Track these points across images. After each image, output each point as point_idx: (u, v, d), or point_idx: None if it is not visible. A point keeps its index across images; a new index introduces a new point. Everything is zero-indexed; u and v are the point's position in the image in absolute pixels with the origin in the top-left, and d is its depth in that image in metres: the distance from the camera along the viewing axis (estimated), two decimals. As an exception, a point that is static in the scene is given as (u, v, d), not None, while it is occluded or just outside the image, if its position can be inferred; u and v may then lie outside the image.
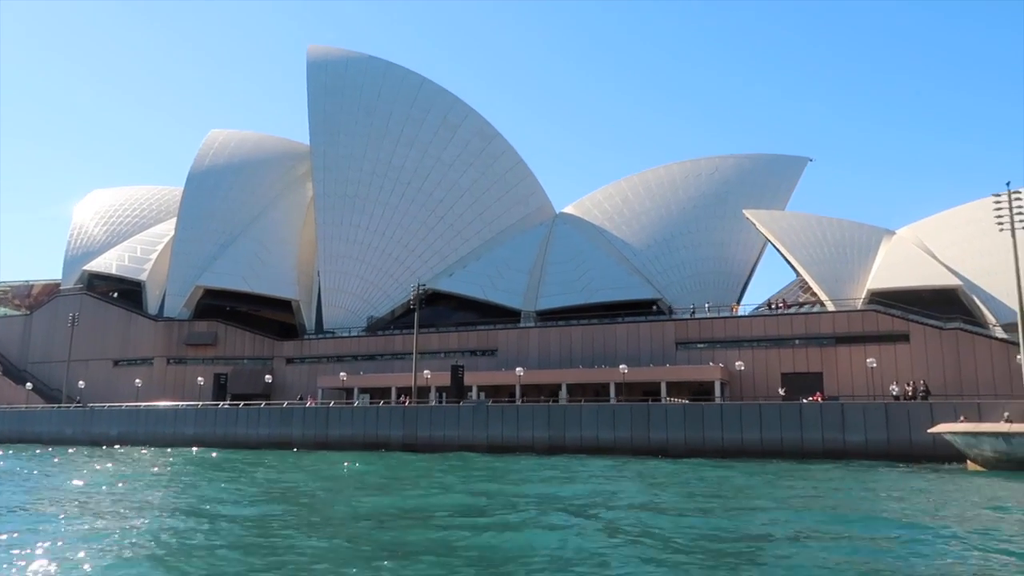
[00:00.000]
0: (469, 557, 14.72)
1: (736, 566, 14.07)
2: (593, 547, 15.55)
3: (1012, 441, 32.64)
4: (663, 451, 44.87)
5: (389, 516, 21.31)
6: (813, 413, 43.24)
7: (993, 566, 14.20)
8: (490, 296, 78.63)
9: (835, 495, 26.67)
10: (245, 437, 58.01)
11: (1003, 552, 15.39)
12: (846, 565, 14.10)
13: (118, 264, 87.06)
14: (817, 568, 13.77)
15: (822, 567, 13.89)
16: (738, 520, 20.31)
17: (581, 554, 14.83)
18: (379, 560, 14.34)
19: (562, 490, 27.63)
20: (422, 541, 16.73)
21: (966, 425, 35.70)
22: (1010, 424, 33.77)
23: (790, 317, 60.32)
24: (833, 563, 14.24)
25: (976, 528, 18.52)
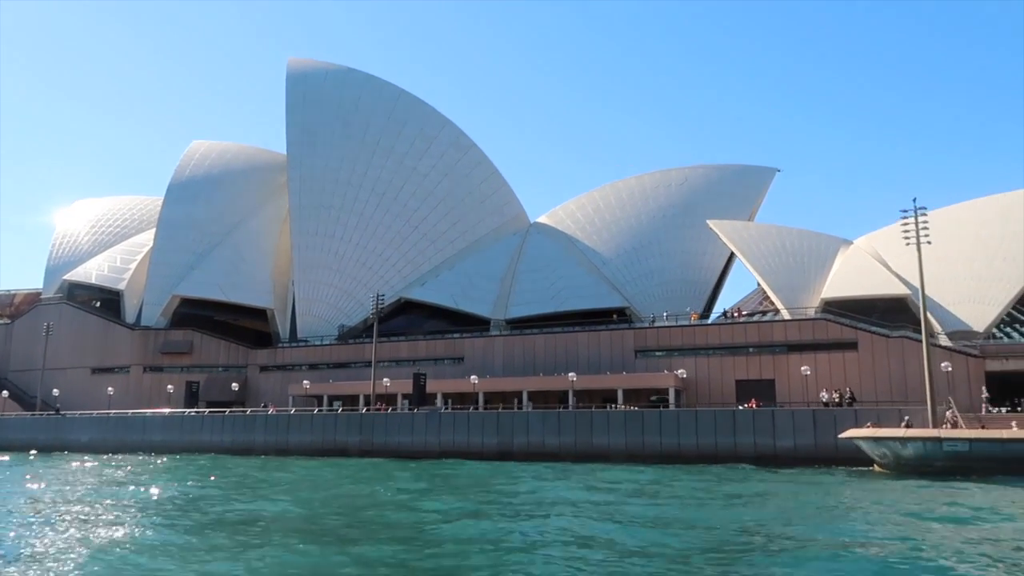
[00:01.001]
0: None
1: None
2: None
3: (907, 445, 33.89)
4: (605, 456, 46.09)
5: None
6: (746, 419, 44.49)
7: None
8: (461, 305, 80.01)
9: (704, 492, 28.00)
10: (209, 443, 59.32)
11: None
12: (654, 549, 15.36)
13: (97, 273, 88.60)
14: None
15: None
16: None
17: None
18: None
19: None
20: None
21: (869, 430, 36.95)
22: (906, 429, 34.98)
23: (744, 325, 61.62)
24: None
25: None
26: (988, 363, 52.74)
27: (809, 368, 51.80)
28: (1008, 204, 62.93)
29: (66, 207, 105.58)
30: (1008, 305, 56.30)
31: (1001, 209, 62.61)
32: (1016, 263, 57.55)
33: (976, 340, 54.75)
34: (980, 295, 57.15)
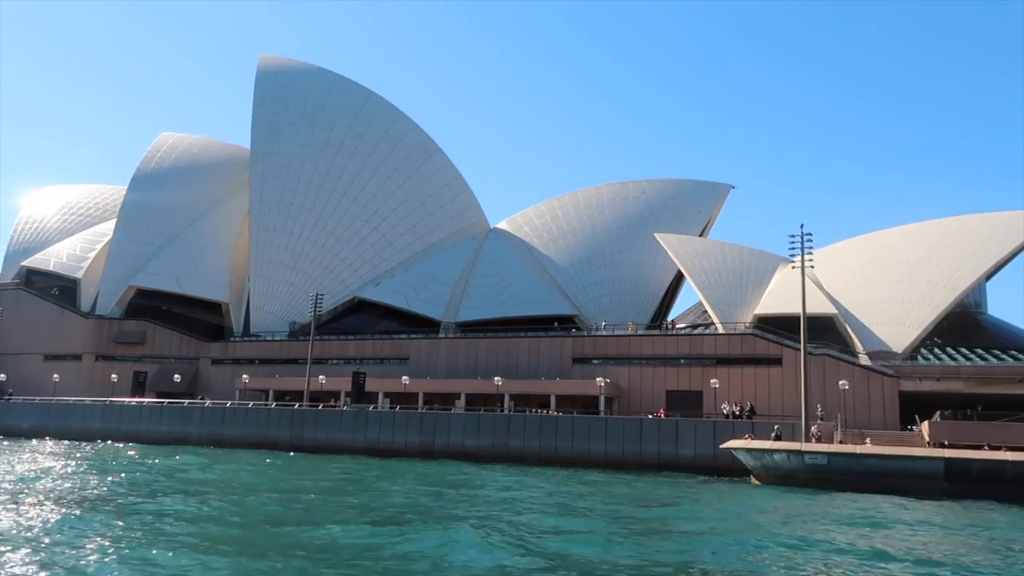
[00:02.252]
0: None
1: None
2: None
3: (774, 457, 35.39)
4: (521, 459, 47.40)
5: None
6: (652, 428, 45.93)
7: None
8: (412, 306, 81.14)
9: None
10: (148, 433, 60.20)
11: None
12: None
13: (56, 261, 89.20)
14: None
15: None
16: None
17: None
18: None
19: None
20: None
21: (743, 442, 38.45)
22: (774, 442, 36.50)
23: (676, 338, 63.13)
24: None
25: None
26: (903, 383, 54.45)
27: (719, 381, 53.29)
28: (940, 231, 64.78)
29: (33, 192, 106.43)
30: (928, 328, 57.93)
31: (932, 235, 64.45)
32: (940, 288, 59.28)
33: (894, 361, 56.39)
34: (903, 317, 58.86)
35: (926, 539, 21.63)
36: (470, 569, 14.62)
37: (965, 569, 17.08)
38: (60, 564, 14.25)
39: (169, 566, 14.36)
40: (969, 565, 17.69)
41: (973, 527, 24.50)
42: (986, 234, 61.54)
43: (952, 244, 62.06)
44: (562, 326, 73.75)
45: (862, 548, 18.96)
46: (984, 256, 59.98)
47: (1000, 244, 60.28)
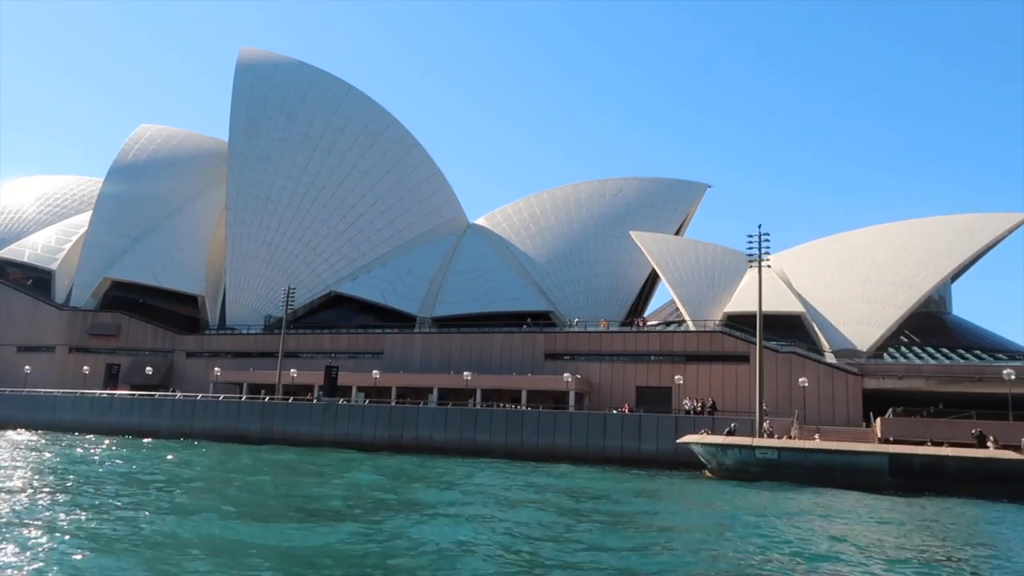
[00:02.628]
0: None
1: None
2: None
3: (727, 452, 36.08)
4: (487, 452, 47.89)
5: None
6: (615, 423, 46.54)
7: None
8: (389, 301, 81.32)
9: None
10: (118, 425, 60.21)
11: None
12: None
13: (31, 252, 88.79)
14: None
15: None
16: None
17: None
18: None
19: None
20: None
21: (699, 437, 39.15)
22: (727, 437, 37.19)
23: (647, 335, 63.76)
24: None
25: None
26: (866, 381, 55.34)
27: (683, 378, 53.98)
28: (908, 232, 65.78)
29: (9, 183, 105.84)
30: (892, 328, 58.87)
31: (901, 236, 65.42)
32: (905, 288, 60.22)
33: (859, 359, 57.26)
34: (868, 317, 59.78)
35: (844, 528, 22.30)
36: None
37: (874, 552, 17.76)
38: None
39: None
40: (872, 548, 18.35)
41: (889, 521, 25.25)
42: (951, 236, 62.56)
43: (919, 245, 63.06)
44: (536, 322, 74.16)
45: (787, 536, 19.59)
46: (948, 258, 60.99)
47: (964, 246, 61.31)
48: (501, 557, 15.87)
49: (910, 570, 16.48)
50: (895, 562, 17.39)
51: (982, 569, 17.74)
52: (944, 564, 17.67)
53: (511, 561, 15.59)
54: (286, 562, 14.67)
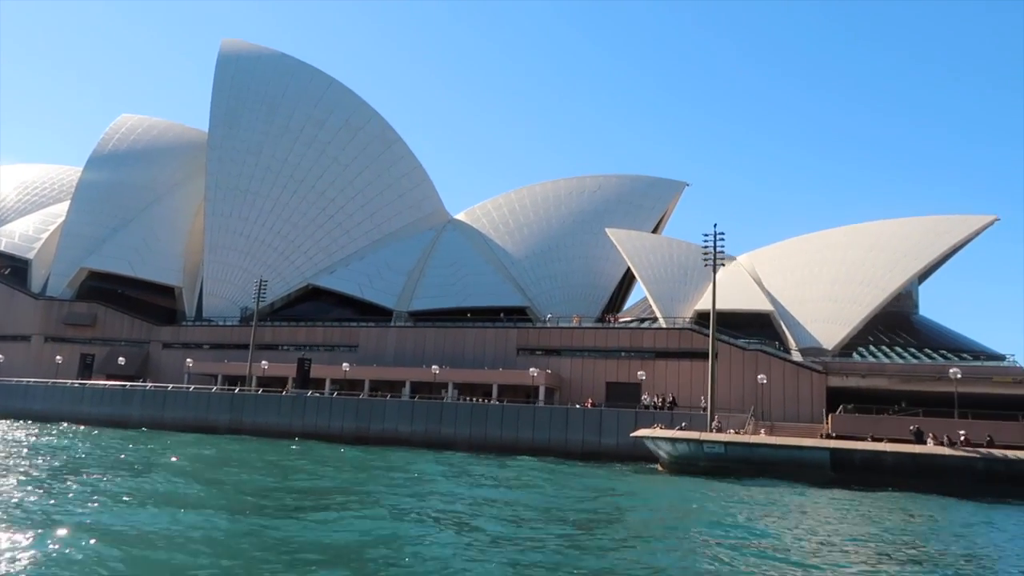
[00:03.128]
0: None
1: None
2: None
3: (676, 446, 36.70)
4: (451, 445, 48.34)
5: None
6: (577, 417, 47.11)
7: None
8: (366, 295, 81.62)
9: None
10: (89, 415, 60.33)
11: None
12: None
13: (7, 241, 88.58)
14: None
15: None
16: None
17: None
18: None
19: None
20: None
21: (650, 431, 39.77)
22: (676, 431, 37.82)
23: (618, 331, 64.34)
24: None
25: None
26: (830, 379, 56.12)
27: (645, 374, 54.61)
28: (878, 232, 66.56)
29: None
30: (857, 327, 59.61)
31: (870, 236, 66.19)
32: (872, 288, 60.98)
33: (823, 358, 58.03)
34: (835, 316, 60.52)
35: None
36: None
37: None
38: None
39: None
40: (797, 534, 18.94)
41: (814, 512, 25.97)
42: (918, 237, 63.38)
43: (886, 245, 63.84)
44: (510, 317, 74.59)
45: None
46: (915, 258, 61.80)
47: (930, 247, 62.14)
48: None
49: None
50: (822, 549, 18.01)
51: (889, 550, 18.42)
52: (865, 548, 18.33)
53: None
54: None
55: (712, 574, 14.90)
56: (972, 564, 18.08)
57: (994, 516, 27.26)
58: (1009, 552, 20.08)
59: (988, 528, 24.66)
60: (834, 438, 37.96)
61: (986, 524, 25.37)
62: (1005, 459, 33.67)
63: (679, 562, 16.01)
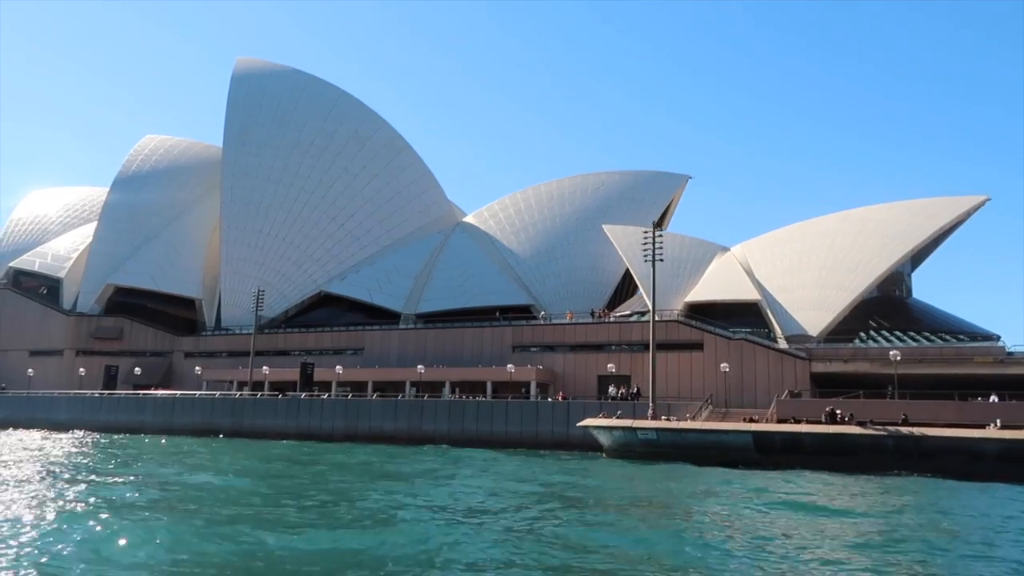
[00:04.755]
0: None
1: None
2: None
3: (614, 433, 37.89)
4: (432, 440, 50.32)
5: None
6: (546, 410, 48.61)
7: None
8: (375, 299, 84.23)
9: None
10: (107, 423, 64.04)
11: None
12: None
13: (40, 262, 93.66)
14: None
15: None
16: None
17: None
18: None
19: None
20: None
21: (592, 420, 41.03)
22: (614, 419, 39.00)
23: (608, 325, 65.54)
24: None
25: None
26: (814, 365, 56.49)
27: (614, 366, 55.83)
28: (865, 218, 66.47)
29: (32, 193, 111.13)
30: (843, 312, 59.78)
31: (858, 222, 66.13)
32: (858, 273, 61.04)
33: (809, 344, 58.39)
34: (821, 302, 60.77)
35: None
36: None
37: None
38: None
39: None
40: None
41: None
42: (907, 221, 63.17)
43: (875, 230, 63.78)
44: (506, 316, 75.97)
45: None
46: (902, 242, 61.65)
47: (918, 230, 61.93)
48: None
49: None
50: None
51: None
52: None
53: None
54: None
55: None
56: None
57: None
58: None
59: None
60: (783, 421, 38.77)
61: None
62: (912, 436, 34.20)
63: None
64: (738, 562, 14.73)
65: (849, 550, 16.55)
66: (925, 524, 20.65)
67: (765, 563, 14.68)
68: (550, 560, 14.31)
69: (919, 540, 18.06)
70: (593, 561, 14.67)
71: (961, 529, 20.28)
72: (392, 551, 15.00)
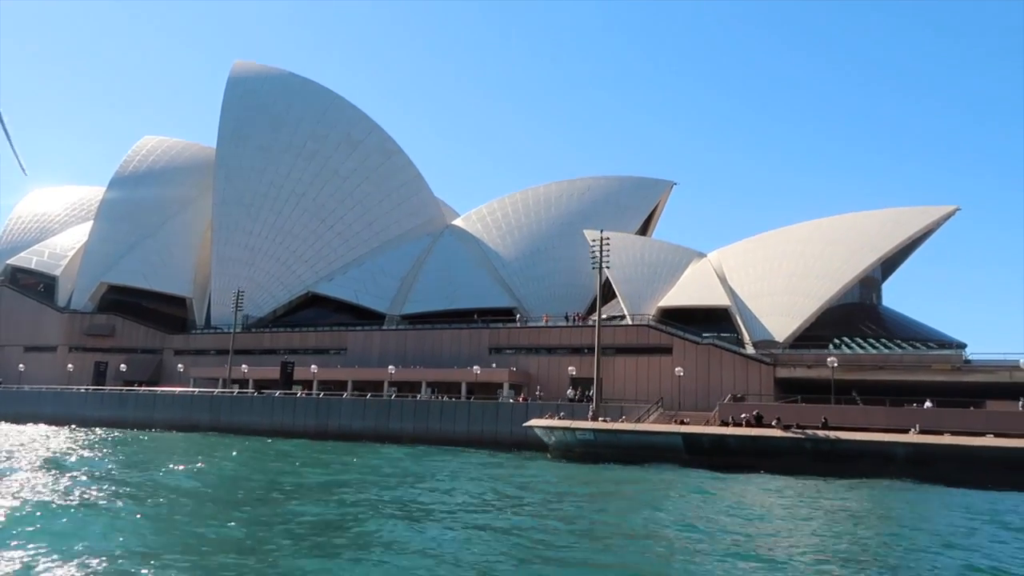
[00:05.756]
0: None
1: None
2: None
3: (554, 434, 39.07)
4: (398, 439, 51.69)
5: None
6: (506, 411, 49.88)
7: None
8: (361, 300, 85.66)
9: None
10: (90, 417, 65.79)
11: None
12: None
13: (37, 260, 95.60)
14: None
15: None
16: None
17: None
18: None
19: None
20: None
21: (536, 421, 42.23)
22: (556, 420, 40.19)
23: (580, 329, 66.73)
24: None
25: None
26: (778, 370, 57.55)
27: (575, 368, 56.99)
28: (837, 226, 67.35)
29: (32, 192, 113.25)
30: (810, 319, 60.62)
31: (829, 230, 67.04)
32: (826, 281, 61.93)
33: (775, 350, 59.38)
34: (789, 309, 61.70)
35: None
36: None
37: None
38: None
39: None
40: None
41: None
42: (876, 229, 64.00)
43: (845, 238, 64.66)
44: (487, 318, 77.15)
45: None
46: (872, 250, 62.48)
47: (887, 239, 62.75)
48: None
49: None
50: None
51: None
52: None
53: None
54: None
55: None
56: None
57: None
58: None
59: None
60: (725, 424, 39.88)
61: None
62: (828, 439, 35.25)
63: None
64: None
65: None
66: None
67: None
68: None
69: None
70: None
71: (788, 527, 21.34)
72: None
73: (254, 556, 14.63)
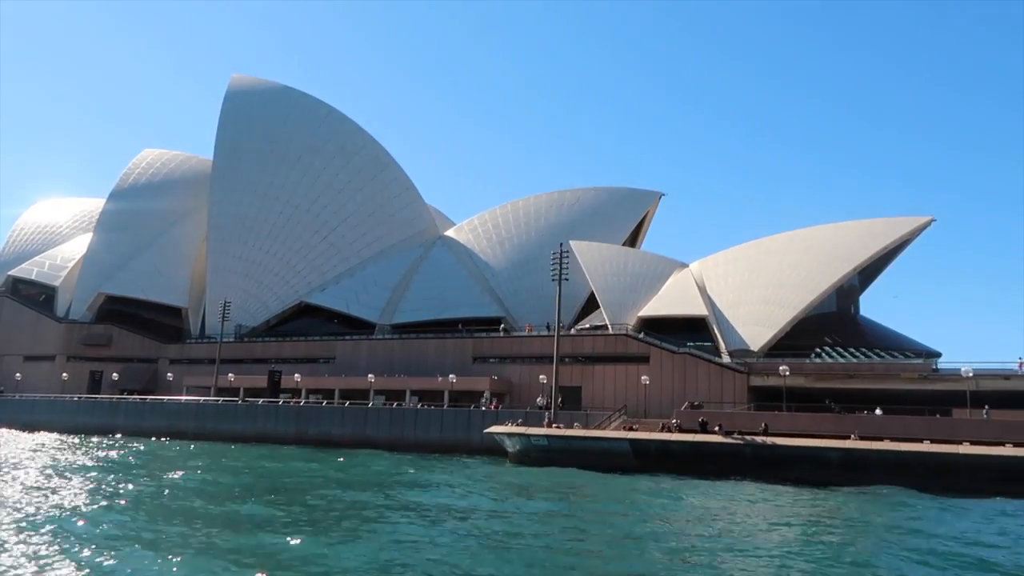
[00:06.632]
0: None
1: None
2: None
3: (512, 440, 40.13)
4: (374, 445, 52.89)
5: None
6: (478, 417, 51.08)
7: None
8: (352, 310, 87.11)
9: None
10: (82, 424, 67.35)
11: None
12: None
13: (38, 271, 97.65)
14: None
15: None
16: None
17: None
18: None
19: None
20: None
21: (497, 427, 43.30)
22: (513, 427, 41.26)
23: (560, 338, 67.67)
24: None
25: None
26: (752, 379, 58.48)
27: (546, 376, 58.01)
28: (814, 236, 68.31)
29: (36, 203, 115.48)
30: (784, 328, 61.51)
31: (807, 240, 67.97)
32: (801, 291, 62.82)
33: (750, 359, 60.29)
34: (765, 318, 62.61)
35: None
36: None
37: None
38: None
39: None
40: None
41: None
42: (853, 240, 64.90)
43: (821, 249, 65.58)
44: (472, 327, 78.29)
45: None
46: (847, 261, 63.35)
47: (863, 249, 63.61)
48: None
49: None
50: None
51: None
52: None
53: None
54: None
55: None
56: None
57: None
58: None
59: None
60: (681, 430, 40.89)
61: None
62: (766, 445, 36.20)
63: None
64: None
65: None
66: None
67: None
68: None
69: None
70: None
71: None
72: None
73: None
